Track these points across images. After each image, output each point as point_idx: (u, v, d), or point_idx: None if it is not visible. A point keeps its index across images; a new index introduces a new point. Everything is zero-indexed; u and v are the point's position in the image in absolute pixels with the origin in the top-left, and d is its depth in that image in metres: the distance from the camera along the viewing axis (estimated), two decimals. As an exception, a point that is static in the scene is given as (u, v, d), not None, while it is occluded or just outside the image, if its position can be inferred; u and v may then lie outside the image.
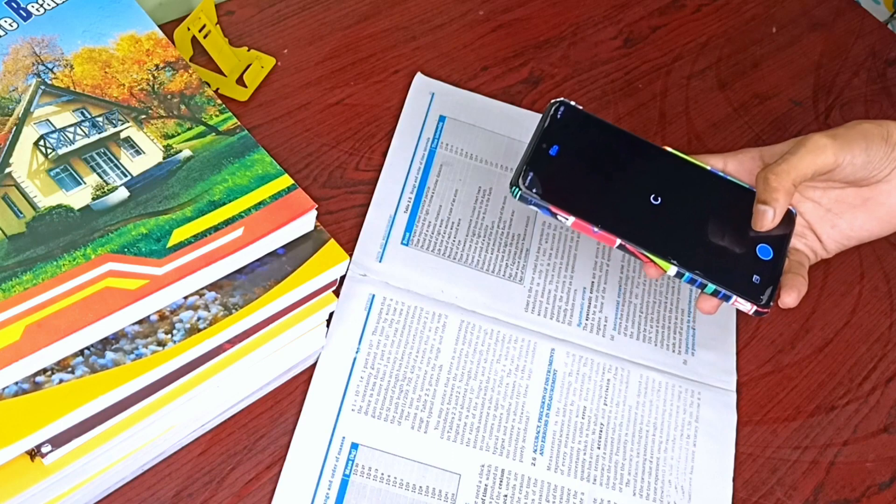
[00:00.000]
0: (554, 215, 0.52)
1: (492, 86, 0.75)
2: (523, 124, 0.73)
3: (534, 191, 0.52)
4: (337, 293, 0.55)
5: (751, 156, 0.57)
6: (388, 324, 0.60)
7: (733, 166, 0.57)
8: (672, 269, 0.52)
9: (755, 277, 0.53)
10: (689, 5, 0.85)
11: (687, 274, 0.52)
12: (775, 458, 0.61)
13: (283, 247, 0.50)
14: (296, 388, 0.57)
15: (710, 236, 0.54)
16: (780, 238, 0.54)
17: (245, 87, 0.69)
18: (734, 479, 0.60)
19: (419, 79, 0.73)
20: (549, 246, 0.67)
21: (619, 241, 0.52)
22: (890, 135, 0.53)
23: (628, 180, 0.55)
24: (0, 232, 0.45)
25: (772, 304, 0.52)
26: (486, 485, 0.56)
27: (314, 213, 0.50)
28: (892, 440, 0.63)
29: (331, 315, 0.55)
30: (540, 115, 0.73)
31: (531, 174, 0.53)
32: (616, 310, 0.65)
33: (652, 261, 0.52)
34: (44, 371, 0.43)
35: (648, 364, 0.63)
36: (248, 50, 0.71)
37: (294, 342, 0.54)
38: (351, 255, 0.62)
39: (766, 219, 0.53)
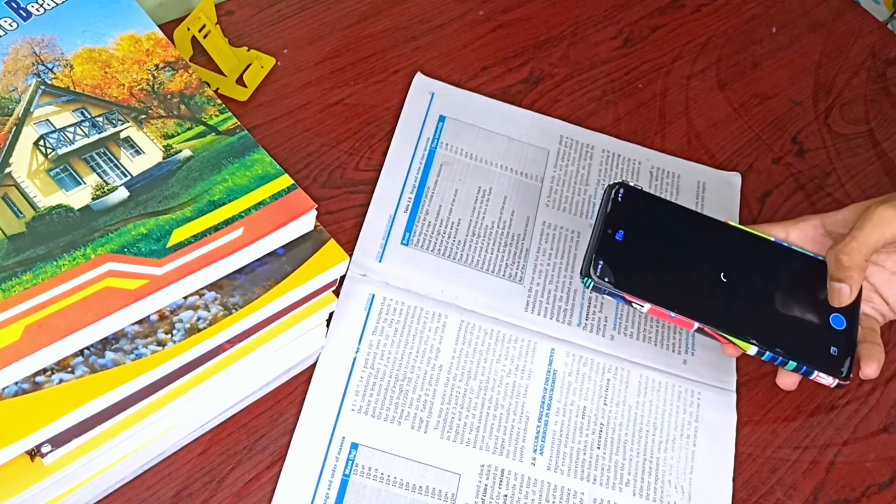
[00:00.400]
0: (629, 303, 0.53)
1: (492, 86, 0.75)
2: (523, 124, 0.73)
3: (606, 280, 0.52)
4: (337, 293, 0.55)
5: (812, 224, 0.58)
6: (388, 324, 0.60)
7: (796, 235, 0.58)
8: (752, 349, 0.53)
9: (832, 349, 0.53)
10: (688, 5, 0.85)
11: (768, 353, 0.53)
12: (775, 457, 0.61)
13: (282, 247, 0.50)
14: (296, 388, 0.57)
15: (783, 310, 0.54)
16: (851, 306, 0.55)
17: (245, 87, 0.69)
18: (734, 479, 0.60)
19: (419, 79, 0.73)
20: (549, 246, 0.67)
21: (696, 324, 0.53)
22: None
23: (696, 260, 0.55)
24: (0, 232, 0.45)
25: (851, 375, 0.53)
26: (485, 485, 0.56)
27: (314, 213, 0.50)
28: (892, 440, 0.63)
29: (331, 315, 0.55)
30: (541, 116, 0.73)
31: (601, 263, 0.53)
32: (616, 310, 0.65)
33: (731, 342, 0.53)
34: (44, 371, 0.43)
35: (648, 364, 0.63)
36: (248, 50, 0.71)
37: (294, 342, 0.54)
38: (351, 255, 0.62)
39: (843, 296, 0.54)
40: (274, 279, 0.49)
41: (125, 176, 0.49)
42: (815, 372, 0.53)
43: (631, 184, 0.56)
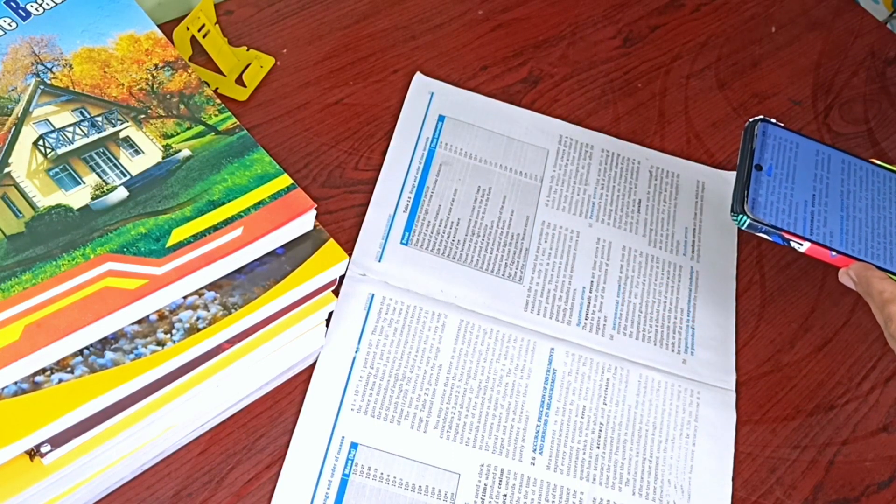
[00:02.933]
0: (786, 241, 0.49)
1: (491, 85, 0.75)
2: (522, 124, 0.73)
3: (762, 216, 0.49)
4: (336, 293, 0.55)
5: None
6: (388, 323, 0.60)
7: None
8: None
9: None
10: (688, 5, 0.85)
11: None
12: (774, 457, 0.61)
13: (282, 246, 0.50)
14: (295, 388, 0.57)
15: None
16: None
17: (244, 86, 0.69)
18: (733, 479, 0.60)
19: (418, 78, 0.73)
20: (549, 245, 0.67)
21: (856, 263, 0.50)
22: None
23: (847, 198, 0.52)
24: (-1, 232, 0.45)
25: None
26: (485, 484, 0.56)
27: (313, 212, 0.50)
28: (891, 439, 0.63)
29: (330, 315, 0.55)
30: (540, 115, 0.73)
31: (755, 198, 0.49)
32: (615, 309, 0.65)
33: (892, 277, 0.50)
34: (43, 371, 0.43)
35: (648, 363, 0.63)
36: (248, 49, 0.71)
37: (293, 342, 0.54)
38: (350, 255, 0.62)
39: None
40: (273, 279, 0.49)
41: (124, 176, 0.49)
42: None
43: (772, 120, 0.53)
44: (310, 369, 0.58)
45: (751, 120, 0.53)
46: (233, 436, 0.55)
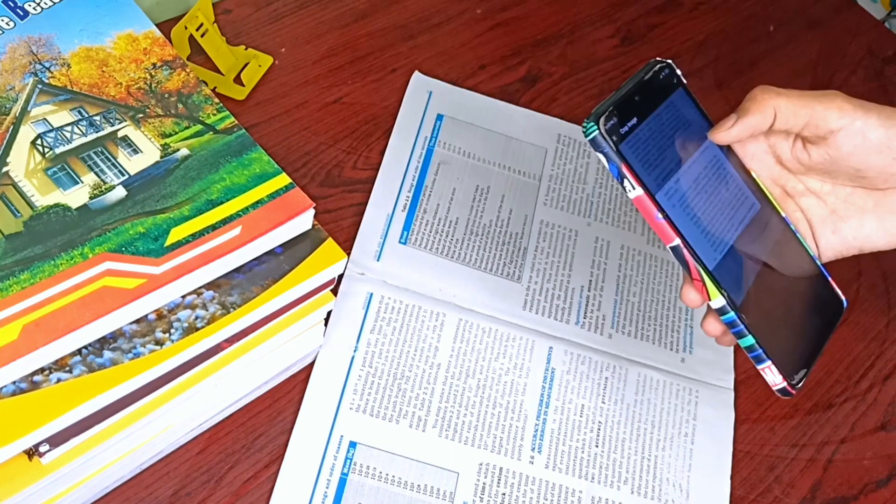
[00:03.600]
0: (621, 177, 0.44)
1: (489, 84, 0.75)
2: (521, 123, 0.73)
3: (612, 136, 0.43)
4: (335, 292, 0.55)
5: (755, 136, 0.49)
6: (386, 322, 0.60)
7: (736, 145, 0.50)
8: (719, 301, 0.45)
9: (793, 355, 0.47)
10: (686, 4, 0.85)
11: (732, 314, 0.45)
12: (773, 455, 0.61)
13: (280, 245, 0.50)
14: (294, 387, 0.57)
15: (765, 291, 0.47)
16: (828, 326, 0.49)
17: (242, 85, 0.69)
18: (732, 477, 0.60)
19: (417, 77, 0.73)
20: (547, 244, 0.67)
21: (678, 241, 0.45)
22: None
23: (712, 188, 0.47)
24: (-3, 231, 0.45)
25: (799, 388, 0.46)
26: (484, 483, 0.56)
27: (312, 211, 0.50)
28: (890, 438, 0.63)
29: (329, 314, 0.55)
30: (539, 114, 0.73)
31: (615, 119, 0.44)
32: (614, 308, 0.65)
33: (703, 282, 0.45)
34: (41, 370, 0.43)
35: (646, 362, 0.63)
36: (246, 48, 0.71)
37: (292, 341, 0.54)
38: (349, 254, 0.62)
39: (721, 127, 0.47)
40: (272, 278, 0.49)
41: (123, 175, 0.49)
42: (769, 362, 0.45)
43: (678, 71, 0.48)
44: (308, 368, 0.58)
45: (658, 59, 0.48)
46: (231, 435, 0.55)
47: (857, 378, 0.66)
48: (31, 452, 0.44)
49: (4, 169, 0.47)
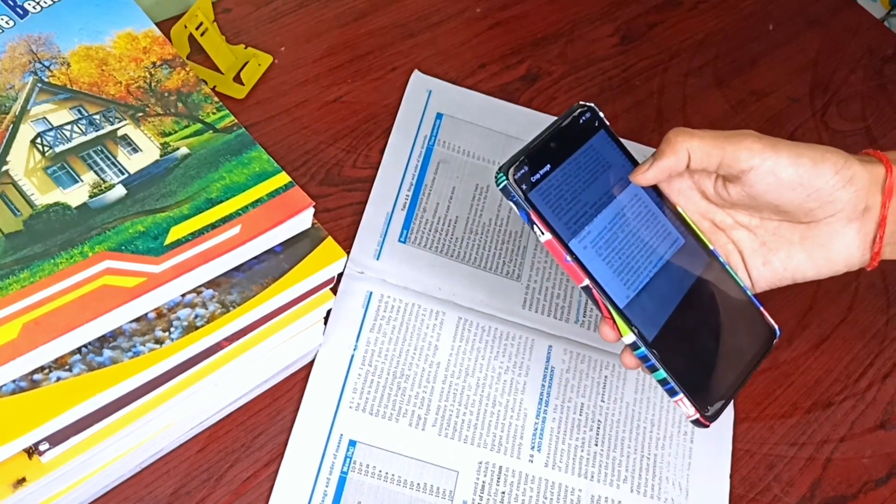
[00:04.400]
0: (531, 224, 0.46)
1: (489, 83, 0.75)
2: (520, 122, 0.73)
3: (521, 186, 0.45)
4: (334, 291, 0.55)
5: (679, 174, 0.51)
6: (386, 321, 0.60)
7: (663, 183, 0.51)
8: (630, 338, 0.46)
9: (711, 386, 0.47)
10: (685, 2, 0.85)
11: (643, 350, 0.46)
12: (772, 454, 0.61)
13: (280, 244, 0.50)
14: (293, 386, 0.57)
15: (683, 322, 0.48)
16: (757, 355, 0.50)
17: (242, 84, 0.69)
18: (731, 476, 0.60)
19: (416, 76, 0.73)
20: (547, 243, 0.67)
21: (587, 282, 0.46)
22: (844, 170, 0.47)
23: (625, 222, 0.48)
24: (-3, 230, 0.45)
25: (715, 420, 0.47)
26: (483, 481, 0.56)
27: (311, 210, 0.50)
28: (889, 436, 0.63)
29: (328, 312, 0.55)
30: (538, 113, 0.73)
31: (525, 168, 0.46)
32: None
33: (614, 320, 0.46)
34: (41, 369, 0.43)
35: (646, 361, 0.63)
36: (245, 47, 0.71)
37: (291, 340, 0.54)
38: (348, 253, 0.62)
39: (638, 170, 0.49)
40: (271, 277, 0.49)
41: (122, 174, 0.49)
42: (681, 395, 0.46)
43: (601, 115, 0.49)
44: (308, 367, 0.58)
45: (580, 103, 0.49)
46: (231, 434, 0.55)
47: (857, 377, 0.66)
48: (31, 451, 0.44)
49: (4, 168, 0.47)
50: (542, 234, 0.46)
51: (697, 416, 0.47)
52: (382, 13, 0.77)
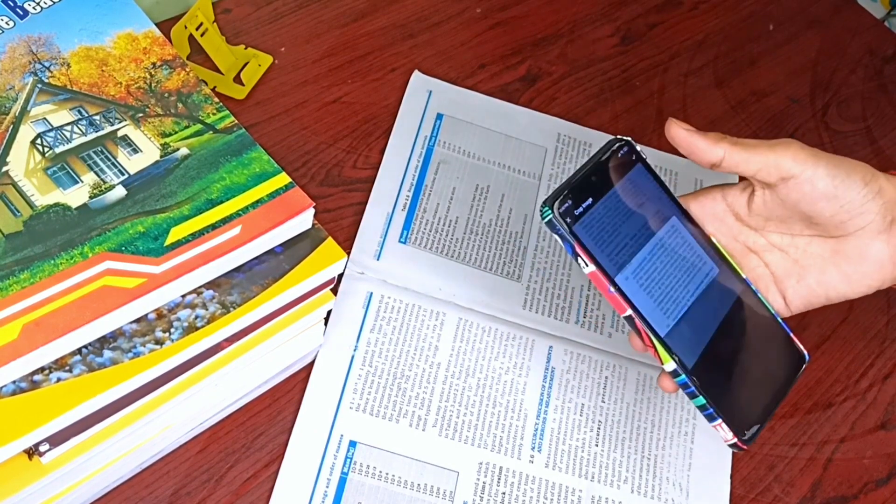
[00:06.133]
0: (575, 255, 0.47)
1: (489, 83, 0.75)
2: (521, 122, 0.73)
3: (566, 219, 0.46)
4: (335, 291, 0.55)
5: (712, 197, 0.52)
6: (386, 322, 0.60)
7: (696, 209, 0.52)
8: (671, 366, 0.48)
9: (747, 411, 0.49)
10: (686, 3, 0.85)
11: (683, 377, 0.47)
12: (773, 454, 0.61)
13: (280, 245, 0.50)
14: (294, 387, 0.57)
15: (721, 351, 0.49)
16: (788, 380, 0.51)
17: (242, 85, 0.69)
18: (732, 476, 0.60)
19: (416, 77, 0.73)
20: (547, 244, 0.67)
21: (630, 312, 0.47)
22: (873, 182, 0.48)
23: (667, 255, 0.50)
24: (-3, 231, 0.45)
25: (752, 443, 0.48)
26: (484, 482, 0.56)
27: (311, 211, 0.50)
28: (890, 437, 0.63)
29: (329, 313, 0.55)
30: (538, 113, 0.73)
31: (570, 202, 0.47)
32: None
33: (655, 349, 0.48)
34: (42, 370, 0.43)
35: (646, 361, 0.63)
36: (246, 48, 0.71)
37: (292, 340, 0.54)
38: (348, 253, 0.62)
39: (671, 127, 0.49)
40: (272, 277, 0.49)
41: (122, 174, 0.49)
42: (720, 420, 0.47)
43: (638, 148, 0.50)
44: (308, 367, 0.58)
45: (617, 137, 0.50)
46: (231, 434, 0.55)
47: (857, 377, 0.66)
48: (31, 452, 0.44)
49: (4, 168, 0.47)
50: (587, 265, 0.47)
51: (735, 440, 0.48)
52: (382, 14, 0.77)
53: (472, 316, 0.62)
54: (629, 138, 0.50)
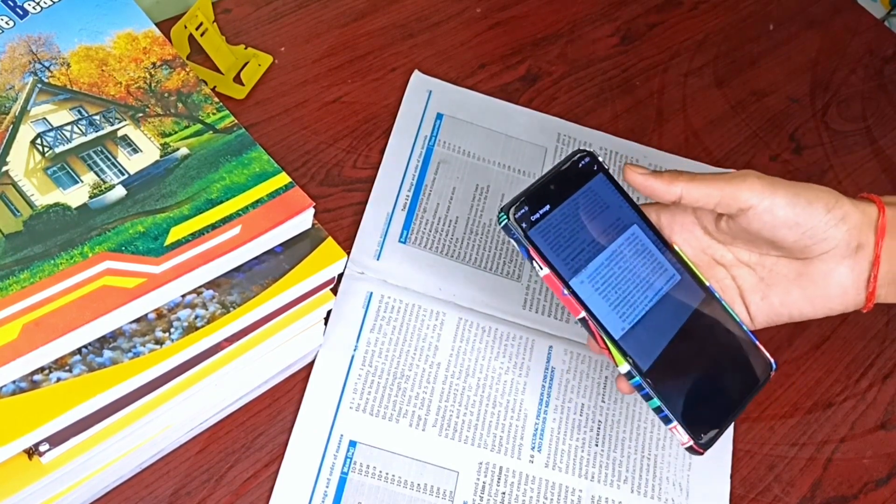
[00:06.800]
0: (530, 259, 0.49)
1: (489, 83, 0.75)
2: (521, 122, 0.73)
3: (520, 225, 0.48)
4: (335, 291, 0.55)
5: (682, 209, 0.53)
6: (386, 321, 0.60)
7: (666, 219, 0.53)
8: (624, 367, 0.49)
9: (705, 415, 0.49)
10: (686, 3, 0.85)
11: (638, 379, 0.48)
12: (773, 454, 0.61)
13: (280, 245, 0.50)
14: (294, 386, 0.57)
15: (678, 353, 0.50)
16: (751, 388, 0.51)
17: (242, 85, 0.69)
18: (732, 476, 0.60)
19: (416, 76, 0.73)
20: (547, 243, 0.67)
21: (583, 314, 0.49)
22: (837, 209, 0.49)
23: (621, 259, 0.51)
24: (-3, 230, 0.45)
25: (709, 448, 0.49)
26: (484, 482, 0.56)
27: (311, 210, 0.50)
28: (889, 437, 0.63)
29: (328, 313, 0.55)
30: (538, 113, 0.73)
31: (526, 208, 0.49)
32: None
33: (609, 351, 0.49)
34: (41, 370, 0.43)
35: (646, 361, 0.63)
36: (246, 48, 0.71)
37: (292, 340, 0.54)
38: (348, 253, 0.62)
39: (627, 173, 0.51)
40: (272, 277, 0.49)
41: (122, 174, 0.49)
42: (675, 423, 0.48)
43: (600, 158, 0.52)
44: (308, 367, 0.58)
45: (580, 149, 0.52)
46: (231, 434, 0.55)
47: (857, 377, 0.66)
48: (31, 452, 0.44)
49: (4, 168, 0.47)
50: (542, 269, 0.49)
51: (691, 443, 0.49)
52: (382, 13, 0.77)
53: (471, 316, 0.62)
54: (591, 151, 0.52)
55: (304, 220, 0.50)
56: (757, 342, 0.52)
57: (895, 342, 0.68)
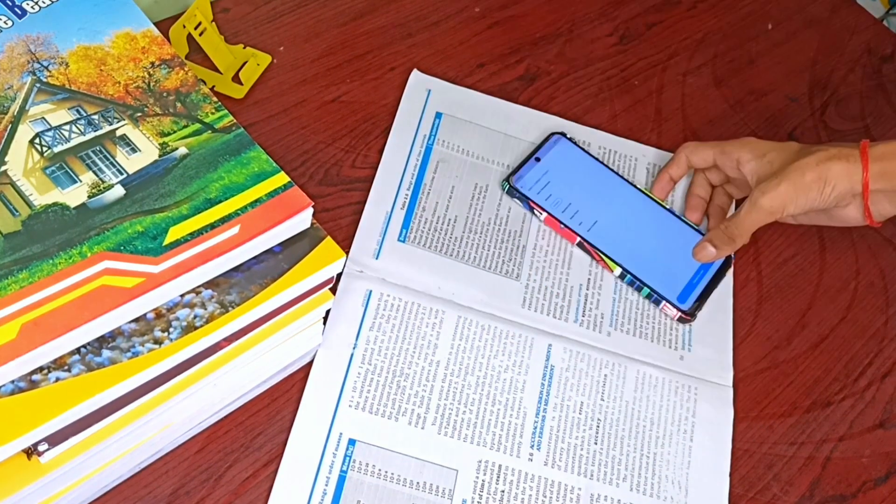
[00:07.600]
0: (532, 210, 0.67)
1: (488, 83, 0.75)
2: (519, 121, 0.73)
3: (519, 187, 0.67)
4: (334, 290, 0.55)
5: (704, 156, 0.69)
6: (385, 320, 0.60)
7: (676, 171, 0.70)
8: (617, 271, 0.65)
9: (688, 291, 0.65)
10: (684, 2, 0.85)
11: (629, 277, 0.65)
12: (771, 453, 0.61)
13: (279, 244, 0.50)
14: (293, 386, 0.57)
15: (654, 251, 0.66)
16: (718, 268, 0.67)
17: (241, 84, 0.69)
18: (730, 475, 0.60)
19: (415, 76, 0.73)
20: (546, 242, 0.67)
21: (579, 238, 0.66)
22: (826, 187, 0.61)
23: (596, 199, 0.68)
24: (-4, 230, 0.45)
25: (695, 315, 0.64)
26: (483, 480, 0.56)
27: (310, 210, 0.50)
28: (888, 436, 0.63)
29: (327, 312, 0.55)
30: (537, 112, 0.74)
31: (524, 175, 0.68)
32: (612, 306, 0.65)
33: (603, 260, 0.65)
34: (40, 369, 0.43)
35: (645, 360, 0.63)
36: (244, 47, 0.71)
37: (291, 339, 0.54)
38: (347, 253, 0.62)
39: (709, 257, 0.66)
40: (270, 277, 0.49)
41: (121, 174, 0.49)
42: (663, 302, 0.64)
43: (568, 136, 0.71)
44: (307, 367, 0.58)
45: (554, 131, 0.71)
46: (230, 434, 0.55)
47: (856, 376, 0.66)
48: (30, 451, 0.44)
49: (3, 168, 0.47)
50: (541, 214, 0.67)
51: (679, 314, 0.64)
52: (381, 13, 0.77)
53: (471, 314, 0.62)
54: (563, 132, 0.71)
55: (302, 220, 0.50)
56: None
57: (894, 341, 0.68)
